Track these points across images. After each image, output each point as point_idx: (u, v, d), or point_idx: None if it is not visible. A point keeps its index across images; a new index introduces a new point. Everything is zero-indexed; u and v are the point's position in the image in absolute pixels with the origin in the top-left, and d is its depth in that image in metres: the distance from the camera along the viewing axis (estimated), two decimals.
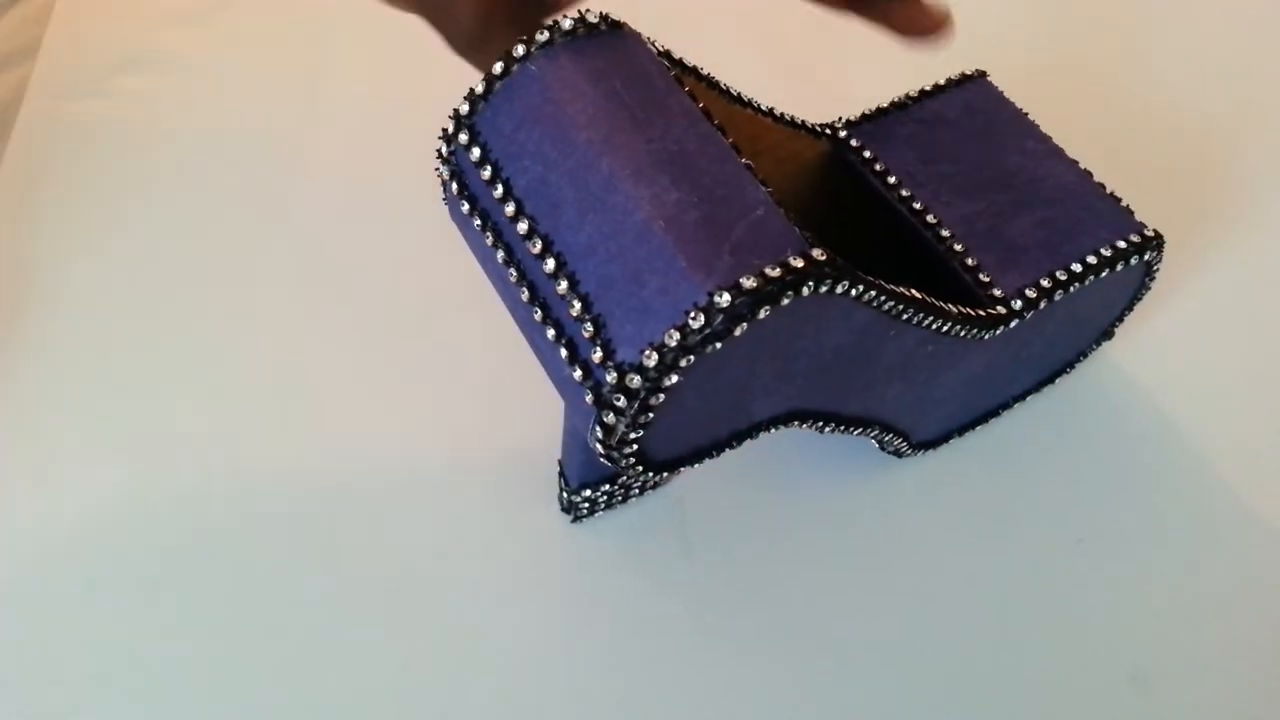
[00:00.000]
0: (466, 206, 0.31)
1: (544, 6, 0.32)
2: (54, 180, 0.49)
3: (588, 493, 0.38)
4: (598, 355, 0.27)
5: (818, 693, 0.36)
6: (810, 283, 0.27)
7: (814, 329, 0.30)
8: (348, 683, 0.36)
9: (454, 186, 0.32)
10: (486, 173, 0.30)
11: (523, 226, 0.29)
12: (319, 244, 0.47)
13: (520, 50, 0.30)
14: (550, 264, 0.29)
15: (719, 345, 0.26)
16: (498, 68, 0.30)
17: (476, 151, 0.30)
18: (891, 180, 0.39)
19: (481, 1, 0.31)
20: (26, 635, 0.37)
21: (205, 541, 0.39)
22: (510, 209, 0.30)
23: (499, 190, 0.30)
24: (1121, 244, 0.37)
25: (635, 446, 0.28)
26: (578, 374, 0.28)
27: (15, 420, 0.42)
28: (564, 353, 0.28)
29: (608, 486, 0.38)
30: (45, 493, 0.40)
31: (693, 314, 0.26)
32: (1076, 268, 0.36)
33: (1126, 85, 0.54)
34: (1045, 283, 0.36)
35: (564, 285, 0.28)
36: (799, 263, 0.27)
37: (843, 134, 0.40)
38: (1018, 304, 0.36)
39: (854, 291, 0.29)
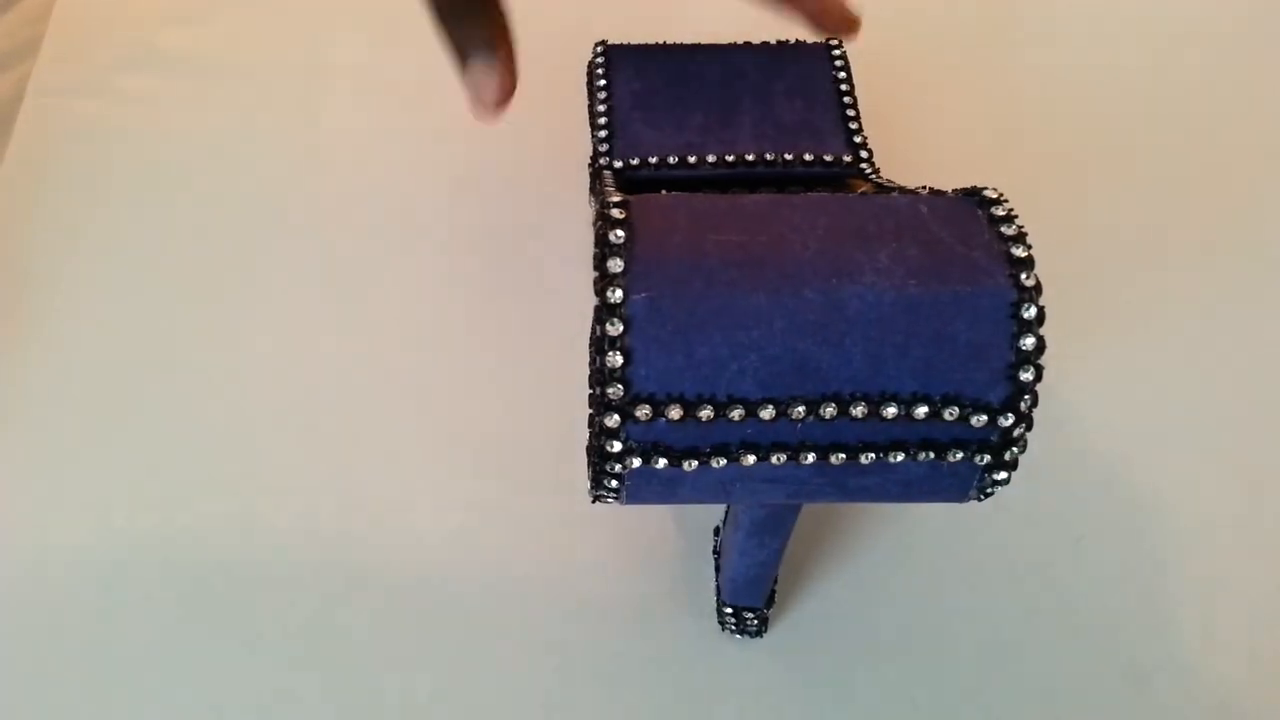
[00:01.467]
0: (693, 463, 0.26)
1: None
2: (55, 180, 0.49)
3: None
4: (977, 419, 0.25)
5: (817, 687, 0.36)
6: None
7: None
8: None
9: (649, 462, 0.26)
10: (701, 411, 0.25)
11: (797, 409, 0.25)
12: (325, 246, 0.47)
13: (617, 295, 0.25)
14: (861, 409, 0.25)
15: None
16: (614, 332, 0.25)
17: (647, 410, 0.25)
18: (692, 160, 0.38)
19: None
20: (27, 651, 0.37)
21: (215, 562, 0.39)
22: (767, 413, 0.25)
23: (736, 412, 0.25)
24: (836, 51, 0.41)
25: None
26: (956, 456, 0.26)
27: (14, 420, 0.42)
28: (926, 455, 0.26)
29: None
30: (46, 494, 0.40)
31: (1018, 307, 0.25)
32: (844, 87, 0.39)
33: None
34: (853, 125, 0.38)
35: (892, 409, 0.25)
36: (993, 194, 0.27)
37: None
38: (862, 152, 0.38)
39: None
